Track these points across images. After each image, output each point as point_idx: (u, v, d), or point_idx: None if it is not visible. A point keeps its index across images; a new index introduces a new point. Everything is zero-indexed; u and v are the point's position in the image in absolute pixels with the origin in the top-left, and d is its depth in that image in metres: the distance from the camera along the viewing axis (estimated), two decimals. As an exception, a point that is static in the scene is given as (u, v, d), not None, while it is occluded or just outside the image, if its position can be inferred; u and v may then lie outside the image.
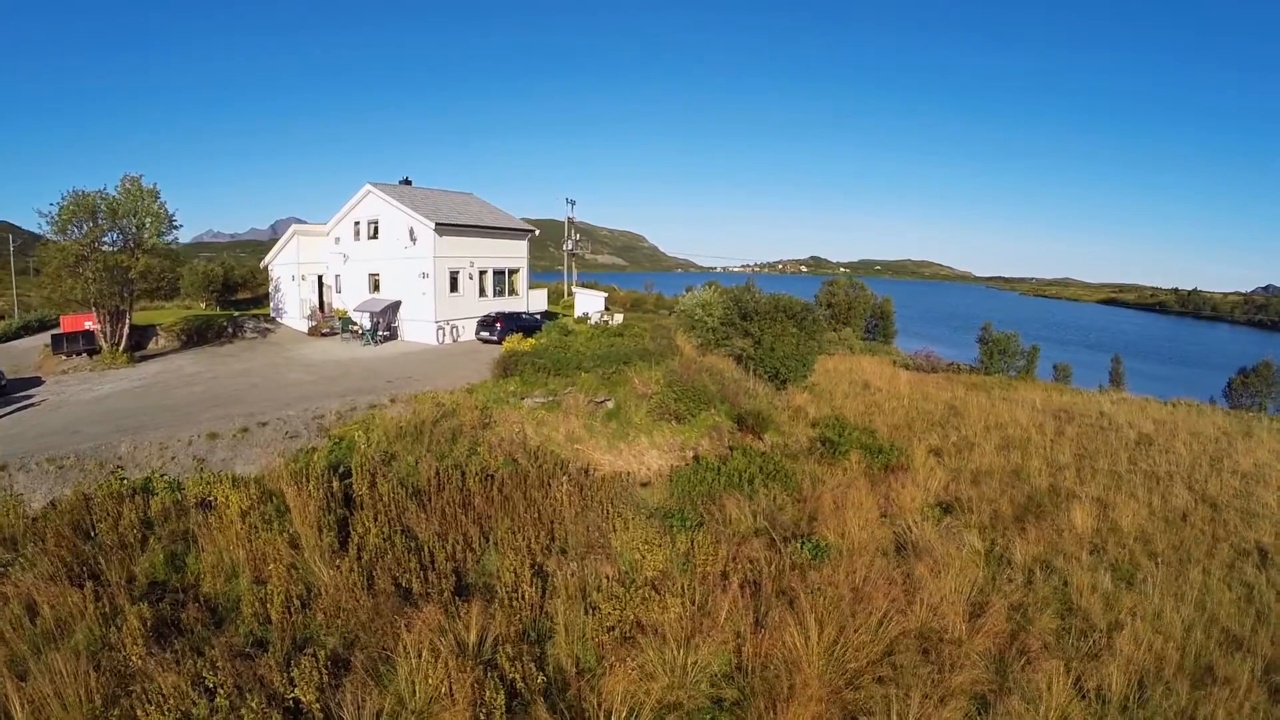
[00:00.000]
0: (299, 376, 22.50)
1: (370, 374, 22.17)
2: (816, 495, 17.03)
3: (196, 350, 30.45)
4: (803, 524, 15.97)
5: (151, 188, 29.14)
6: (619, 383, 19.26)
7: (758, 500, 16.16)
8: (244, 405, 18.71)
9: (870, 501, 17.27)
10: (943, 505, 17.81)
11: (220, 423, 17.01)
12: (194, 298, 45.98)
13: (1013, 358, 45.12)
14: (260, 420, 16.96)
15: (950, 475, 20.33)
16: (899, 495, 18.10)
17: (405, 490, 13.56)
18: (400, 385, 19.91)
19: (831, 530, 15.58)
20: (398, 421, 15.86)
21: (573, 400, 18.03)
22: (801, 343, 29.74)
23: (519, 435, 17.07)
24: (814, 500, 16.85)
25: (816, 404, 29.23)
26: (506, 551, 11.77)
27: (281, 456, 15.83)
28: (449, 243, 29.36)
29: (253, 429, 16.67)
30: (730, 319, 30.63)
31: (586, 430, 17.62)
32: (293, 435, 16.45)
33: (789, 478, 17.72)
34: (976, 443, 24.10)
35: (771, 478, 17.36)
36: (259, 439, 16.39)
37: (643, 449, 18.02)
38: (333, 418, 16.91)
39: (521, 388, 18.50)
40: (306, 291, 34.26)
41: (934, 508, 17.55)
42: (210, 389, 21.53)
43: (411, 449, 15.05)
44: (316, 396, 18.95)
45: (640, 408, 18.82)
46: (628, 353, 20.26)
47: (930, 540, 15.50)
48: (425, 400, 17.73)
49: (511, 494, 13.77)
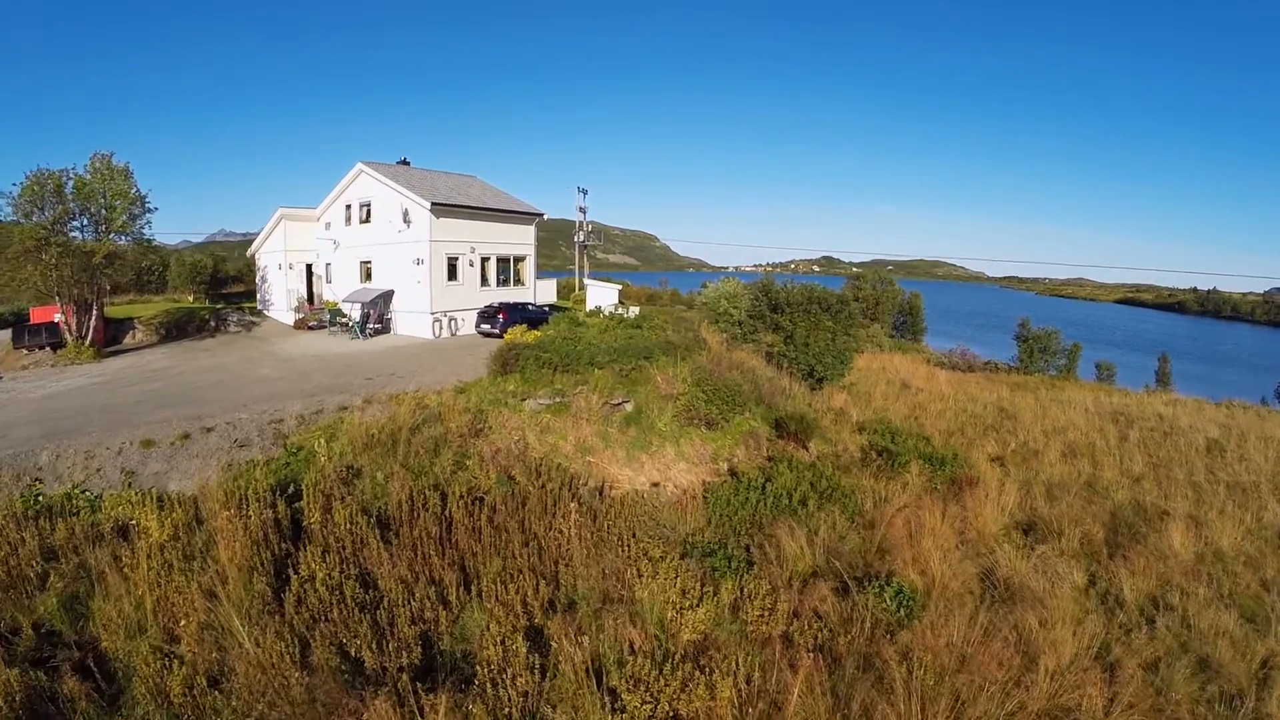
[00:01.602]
0: (269, 373, 19.53)
1: (349, 370, 19.18)
2: (886, 520, 13.88)
3: (174, 345, 27.76)
4: (871, 557, 12.89)
5: (123, 167, 26.37)
6: (639, 381, 16.11)
7: (814, 527, 13.00)
8: (196, 405, 15.76)
9: (945, 525, 14.30)
10: (1023, 526, 15.02)
11: (161, 427, 14.05)
12: (182, 290, 43.46)
13: (1053, 356, 41.98)
14: (206, 425, 13.97)
15: (1021, 488, 17.24)
16: (975, 516, 14.96)
17: (368, 518, 10.48)
18: (381, 383, 16.89)
19: (909, 566, 12.62)
20: (368, 428, 12.80)
21: (584, 402, 14.91)
22: (838, 337, 26.54)
23: (518, 445, 13.97)
24: (883, 526, 13.70)
25: (857, 405, 26.26)
26: (494, 606, 8.65)
27: (228, 469, 12.85)
28: (447, 226, 26.33)
29: (195, 435, 13.69)
30: (759, 311, 27.43)
31: (600, 438, 14.50)
32: (242, 443, 13.45)
33: (848, 498, 14.56)
34: (1039, 450, 21.40)
35: (827, 498, 14.19)
36: (201, 448, 13.40)
37: (668, 460, 14.87)
38: (292, 422, 13.90)
39: (523, 387, 15.39)
40: (294, 281, 31.36)
41: (1014, 529, 14.79)
42: (167, 386, 18.64)
43: (382, 463, 11.98)
44: (281, 396, 15.97)
45: (665, 411, 15.67)
46: (649, 346, 17.11)
47: (1025, 576, 12.54)
48: (406, 401, 14.69)
49: (505, 523, 10.67)
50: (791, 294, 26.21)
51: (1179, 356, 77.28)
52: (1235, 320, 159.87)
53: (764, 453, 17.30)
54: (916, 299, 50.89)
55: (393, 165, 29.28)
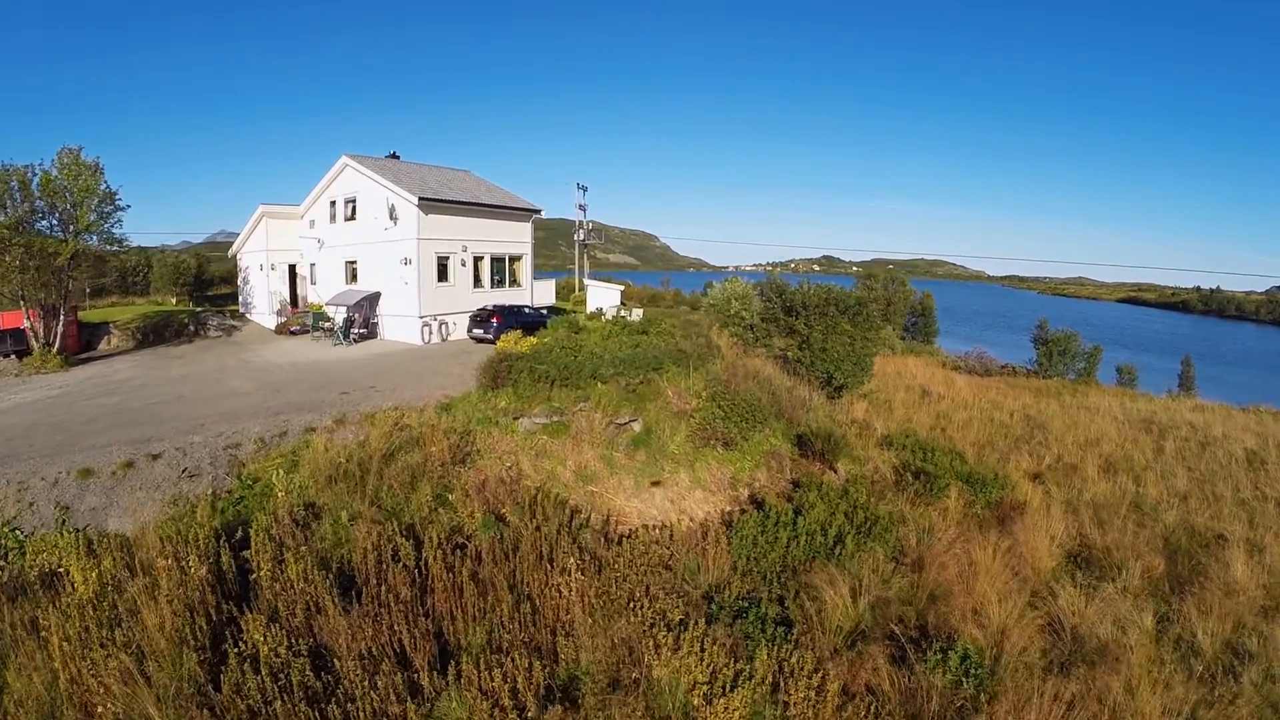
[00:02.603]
0: (238, 385, 17.70)
1: (325, 382, 17.35)
2: (934, 560, 12.11)
3: (149, 351, 25.99)
4: (922, 604, 11.15)
5: (91, 162, 24.53)
6: (648, 396, 14.31)
7: (855, 571, 11.22)
8: (150, 425, 13.95)
9: (997, 561, 12.44)
10: (1076, 557, 13.77)
11: (106, 453, 12.26)
12: (165, 292, 41.58)
13: (1072, 359, 40.28)
14: (154, 450, 12.16)
15: (1066, 510, 15.84)
16: (1027, 549, 13.40)
17: (327, 573, 8.67)
18: (357, 398, 15.08)
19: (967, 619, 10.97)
20: (335, 456, 10.99)
21: (585, 421, 13.12)
22: (857, 342, 24.77)
23: (510, 472, 12.18)
24: (932, 568, 11.93)
25: (879, 415, 24.55)
26: (475, 699, 6.85)
27: (174, 504, 11.05)
28: (437, 223, 24.48)
29: (140, 463, 11.88)
30: (772, 314, 25.64)
31: (605, 463, 12.71)
32: (192, 473, 11.64)
33: (888, 532, 12.79)
34: (1075, 464, 19.96)
35: (866, 533, 12.40)
36: (145, 478, 11.59)
37: (683, 489, 13.08)
38: (251, 447, 12.09)
39: (516, 404, 13.59)
40: (276, 283, 29.51)
41: (1068, 562, 13.49)
42: (126, 401, 16.82)
43: (347, 500, 10.18)
44: (245, 414, 14.16)
45: (678, 430, 13.88)
46: (658, 355, 15.30)
47: (1092, 622, 11.02)
48: (383, 421, 12.89)
49: (493, 577, 8.86)
50: (808, 296, 24.40)
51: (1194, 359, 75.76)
52: (1240, 320, 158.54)
53: (787, 475, 15.55)
54: (928, 299, 49.10)
55: (380, 159, 27.44)
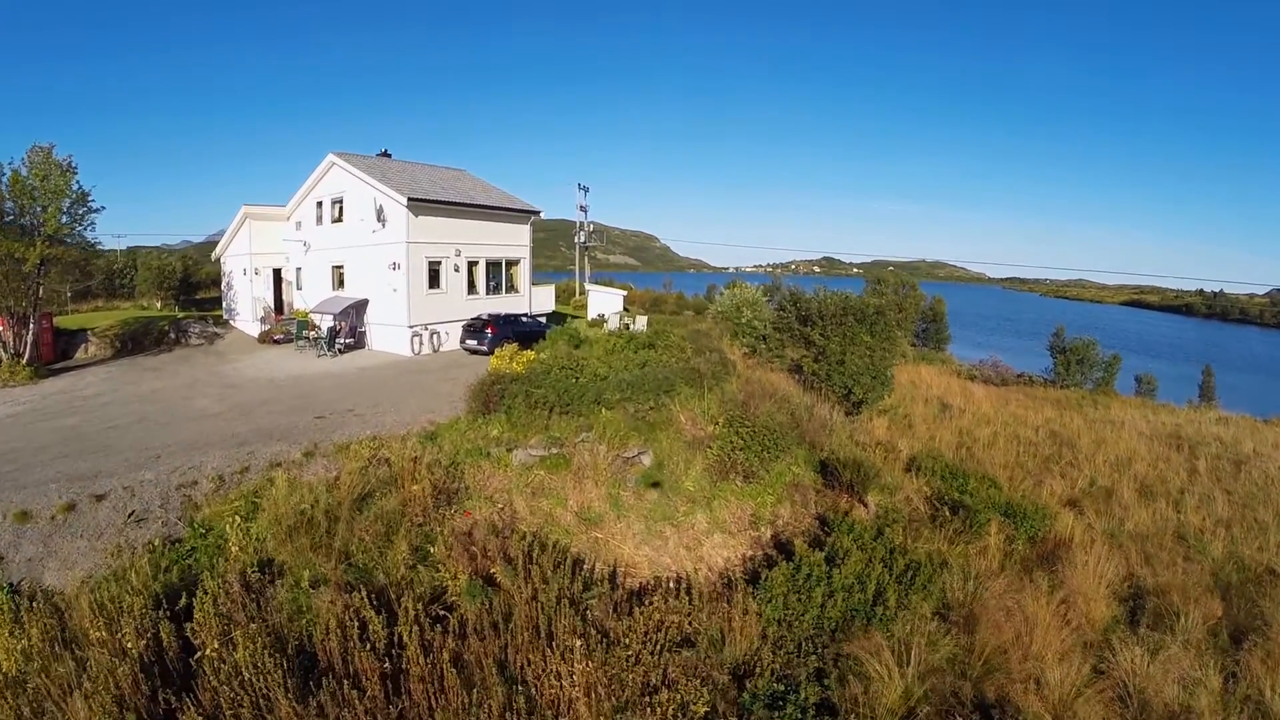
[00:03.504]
0: (206, 405, 16.17)
1: (301, 403, 15.80)
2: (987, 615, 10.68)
3: (125, 361, 24.46)
4: (976, 673, 9.75)
5: (64, 161, 23.02)
6: (658, 424, 12.82)
7: (900, 634, 9.76)
8: (102, 455, 12.44)
9: (1048, 611, 11.10)
10: (1127, 599, 12.58)
11: (49, 491, 10.76)
12: (150, 296, 39.97)
13: (1090, 369, 38.96)
14: (99, 490, 10.66)
15: (1109, 543, 14.60)
16: (1077, 595, 12.08)
17: (283, 654, 7.18)
18: (333, 423, 13.57)
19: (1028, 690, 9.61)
20: (298, 502, 9.48)
21: (588, 455, 11.63)
22: (876, 353, 23.32)
23: (504, 514, 10.70)
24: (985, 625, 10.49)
25: (900, 433, 23.18)
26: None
27: (117, 555, 9.56)
28: (428, 225, 22.96)
29: (83, 505, 10.38)
30: (786, 324, 24.17)
31: (611, 504, 11.23)
32: (140, 517, 10.15)
33: (931, 580, 11.33)
34: (1110, 488, 18.90)
35: (907, 584, 10.92)
36: (88, 523, 10.10)
37: (699, 532, 11.60)
38: (208, 486, 10.59)
39: (509, 432, 12.08)
40: (260, 288, 27.97)
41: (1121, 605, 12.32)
42: (84, 423, 15.29)
43: (311, 557, 8.69)
44: (207, 442, 12.64)
45: (693, 463, 12.39)
46: (669, 376, 13.79)
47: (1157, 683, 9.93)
48: (360, 452, 11.40)
49: (481, 658, 7.38)
50: (824, 304, 22.92)
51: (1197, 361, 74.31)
52: (1243, 323, 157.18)
53: (812, 510, 14.10)
54: (939, 304, 47.53)
55: (369, 157, 25.89)
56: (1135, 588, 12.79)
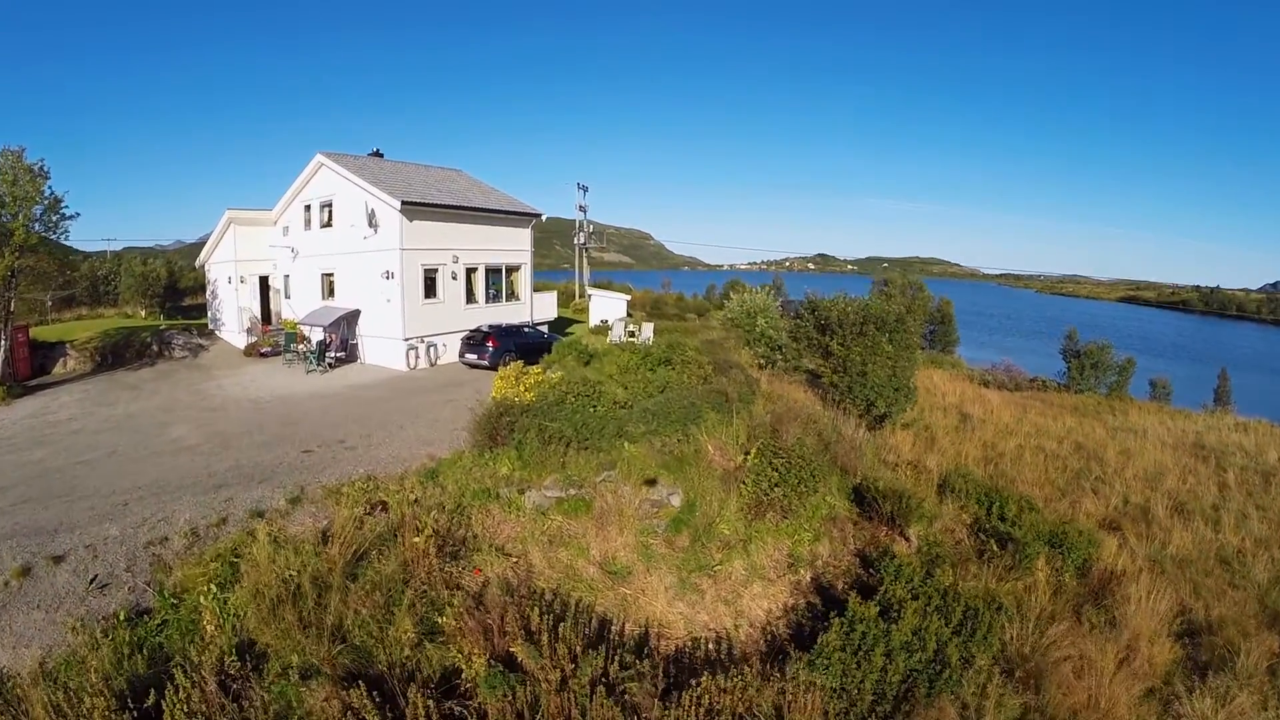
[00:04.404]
0: (183, 433, 14.74)
1: (287, 431, 14.39)
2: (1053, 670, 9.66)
3: (105, 377, 22.95)
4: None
5: (36, 165, 21.50)
6: (687, 458, 11.51)
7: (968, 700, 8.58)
8: (65, 501, 11.03)
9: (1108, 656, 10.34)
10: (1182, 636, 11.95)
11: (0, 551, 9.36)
12: (134, 304, 38.32)
13: (1104, 372, 38.10)
14: (58, 550, 9.26)
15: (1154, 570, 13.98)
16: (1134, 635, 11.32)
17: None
18: (322, 459, 12.18)
19: None
20: (282, 567, 8.12)
21: (612, 496, 10.34)
22: (898, 364, 22.13)
23: (519, 569, 9.40)
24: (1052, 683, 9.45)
25: (925, 448, 22.12)
26: None
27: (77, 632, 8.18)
28: (423, 230, 21.55)
29: (40, 569, 8.99)
30: (803, 333, 22.93)
31: (639, 553, 9.96)
32: (103, 583, 8.78)
33: (990, 631, 10.14)
34: (1144, 505, 18.19)
35: (967, 635, 9.73)
36: (46, 591, 8.71)
37: (737, 582, 10.33)
38: (180, 543, 9.22)
39: (521, 471, 10.75)
40: (246, 297, 26.47)
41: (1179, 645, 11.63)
42: (49, 457, 13.81)
43: (299, 637, 7.35)
44: (180, 485, 11.24)
45: (726, 502, 11.12)
46: (694, 402, 12.48)
47: None
48: (352, 497, 10.06)
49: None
50: (845, 313, 21.67)
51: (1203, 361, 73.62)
52: (1240, 319, 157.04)
53: (851, 546, 12.91)
54: (947, 306, 46.32)
55: (359, 157, 24.42)
56: (1188, 622, 12.25)
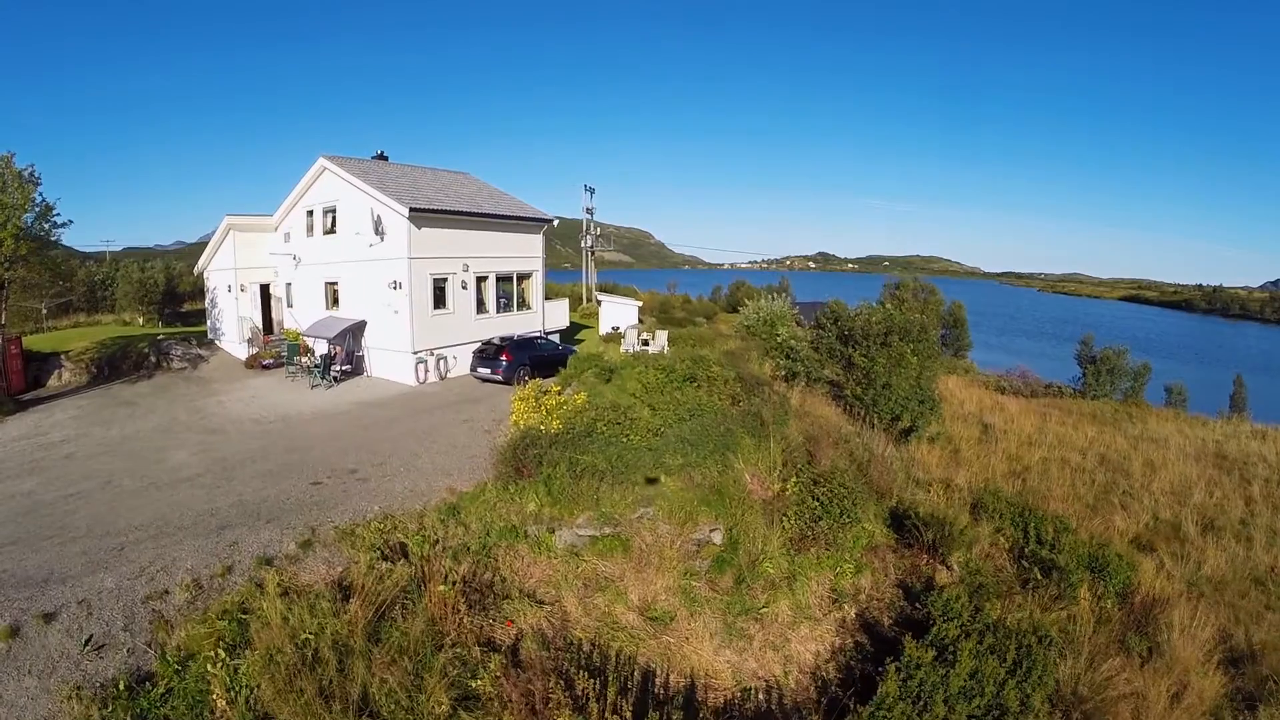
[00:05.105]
0: (184, 459, 13.88)
1: (294, 458, 13.50)
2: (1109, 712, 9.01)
3: (101, 391, 22.04)
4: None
5: (25, 171, 20.62)
6: (725, 489, 10.72)
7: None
8: (57, 544, 10.14)
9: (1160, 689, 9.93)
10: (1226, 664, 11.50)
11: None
12: (131, 311, 37.46)
13: (1119, 378, 37.51)
14: (49, 607, 8.42)
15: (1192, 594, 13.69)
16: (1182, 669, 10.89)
17: None
18: (333, 492, 11.34)
19: None
20: (297, 627, 7.32)
21: (650, 535, 9.56)
22: (923, 375, 21.39)
23: (553, 619, 8.62)
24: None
25: (950, 462, 21.46)
26: None
27: (74, 698, 7.37)
28: (432, 238, 20.71)
29: (30, 628, 8.14)
30: (825, 343, 22.16)
31: (682, 597, 9.17)
32: (100, 644, 7.96)
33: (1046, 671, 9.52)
34: (1174, 521, 17.96)
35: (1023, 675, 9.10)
36: (36, 654, 7.85)
37: (784, 624, 9.55)
38: (182, 596, 8.41)
39: (550, 507, 9.95)
40: (246, 306, 25.60)
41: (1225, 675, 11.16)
42: (40, 489, 12.82)
43: (320, 712, 6.54)
44: (180, 524, 10.37)
45: (770, 537, 10.33)
46: (730, 429, 11.69)
47: None
48: (369, 539, 9.26)
49: None
50: (870, 324, 20.89)
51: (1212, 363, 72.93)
52: (1243, 319, 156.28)
53: (892, 576, 12.20)
54: (959, 309, 45.54)
55: (364, 160, 23.56)
56: (1230, 649, 11.96)
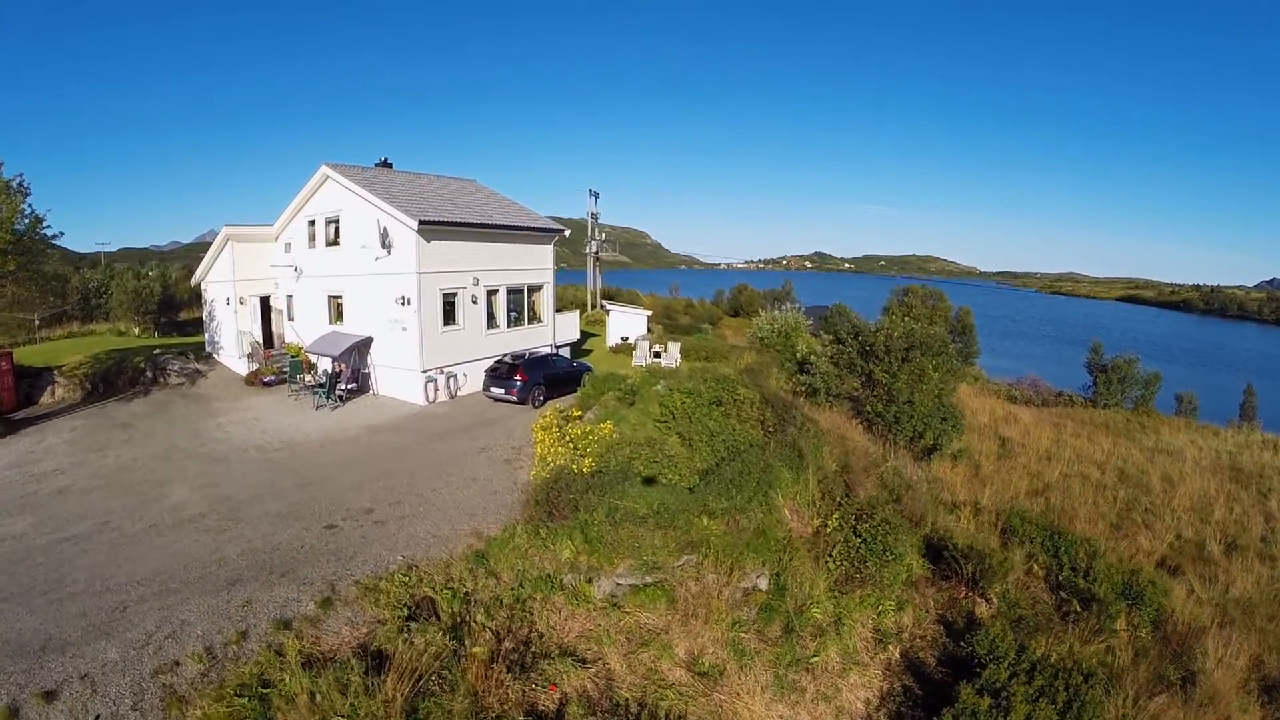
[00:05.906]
0: (185, 497, 13.06)
1: (304, 495, 12.65)
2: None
3: (95, 410, 21.07)
4: None
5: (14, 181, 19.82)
6: (768, 531, 10.10)
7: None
8: (54, 600, 9.29)
9: None
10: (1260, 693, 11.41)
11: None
12: (126, 321, 36.48)
13: (1130, 387, 37.32)
14: (49, 683, 7.70)
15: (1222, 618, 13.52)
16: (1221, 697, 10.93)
17: None
18: (350, 538, 10.59)
19: None
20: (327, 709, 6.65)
21: (695, 584, 8.93)
22: (945, 391, 20.88)
23: (598, 680, 7.99)
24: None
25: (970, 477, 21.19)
26: None
27: None
28: (441, 251, 19.99)
29: (28, 709, 7.40)
30: (845, 358, 21.59)
31: (731, 649, 8.56)
32: (102, 723, 7.30)
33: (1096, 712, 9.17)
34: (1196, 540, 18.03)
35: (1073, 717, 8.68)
36: None
37: (834, 672, 8.97)
38: (193, 669, 7.71)
39: (588, 556, 9.30)
40: (246, 320, 24.80)
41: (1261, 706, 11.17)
42: (34, 530, 11.79)
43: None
44: (186, 578, 9.57)
45: (816, 580, 9.72)
46: (770, 463, 11.06)
47: None
48: (395, 594, 8.60)
49: None
50: (891, 338, 20.31)
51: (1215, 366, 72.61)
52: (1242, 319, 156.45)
53: (932, 612, 11.80)
54: (966, 315, 44.96)
55: (368, 169, 22.77)
56: (1264, 677, 11.95)
